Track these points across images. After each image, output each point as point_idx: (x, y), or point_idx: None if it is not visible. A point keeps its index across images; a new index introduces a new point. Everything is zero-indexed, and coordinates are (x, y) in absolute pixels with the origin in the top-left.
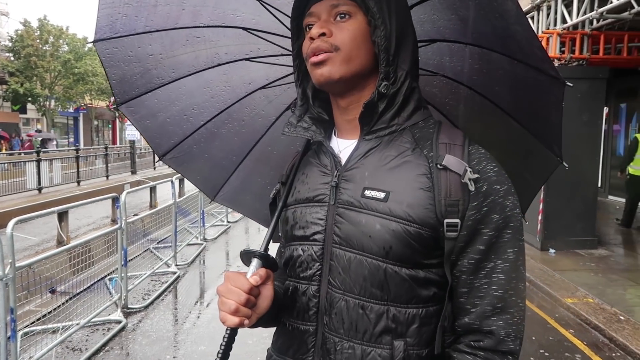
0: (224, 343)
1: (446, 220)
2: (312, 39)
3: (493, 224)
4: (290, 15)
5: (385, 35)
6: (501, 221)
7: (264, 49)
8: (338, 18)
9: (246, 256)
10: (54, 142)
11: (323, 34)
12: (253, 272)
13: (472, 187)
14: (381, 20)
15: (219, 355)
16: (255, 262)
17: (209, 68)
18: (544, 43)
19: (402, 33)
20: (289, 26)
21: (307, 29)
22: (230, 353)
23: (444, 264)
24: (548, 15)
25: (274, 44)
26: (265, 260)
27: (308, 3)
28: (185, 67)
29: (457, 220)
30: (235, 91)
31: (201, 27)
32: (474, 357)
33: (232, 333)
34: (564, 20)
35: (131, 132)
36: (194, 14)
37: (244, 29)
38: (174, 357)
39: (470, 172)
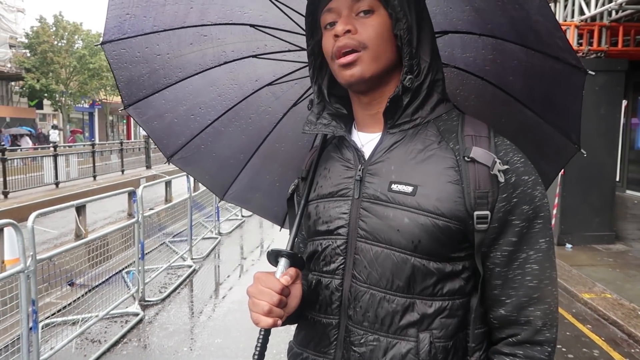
0: (259, 344)
1: (476, 213)
2: (336, 36)
3: (523, 215)
4: (298, 10)
5: (408, 28)
6: (531, 212)
7: (270, 46)
8: (361, 14)
9: (273, 255)
10: (27, 139)
11: (348, 31)
12: (282, 271)
13: (501, 179)
14: (402, 12)
15: (255, 356)
16: (283, 261)
17: (215, 66)
18: None
19: (421, 24)
20: (297, 21)
21: (327, 27)
22: (241, 345)
23: (473, 257)
24: (565, 6)
25: (282, 39)
26: (293, 259)
27: None
28: (192, 66)
29: (487, 212)
30: (242, 89)
31: (208, 25)
32: (513, 357)
33: (266, 333)
34: (581, 12)
35: None
36: (202, 12)
37: (252, 25)
38: (190, 350)
39: (499, 163)
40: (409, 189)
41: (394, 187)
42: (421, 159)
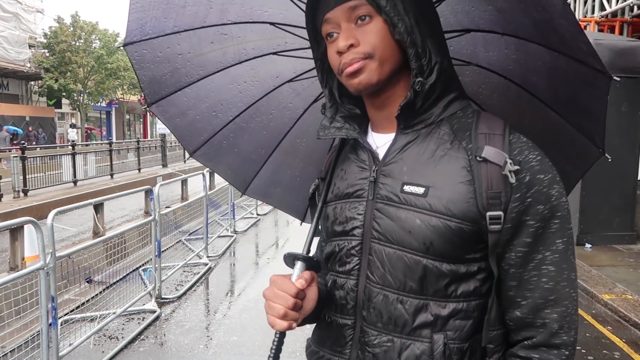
0: (274, 347)
1: (488, 213)
2: (340, 52)
3: (538, 215)
4: None
5: (407, 30)
6: (547, 211)
7: (291, 43)
8: (359, 21)
9: (290, 259)
10: None
11: (351, 45)
12: (298, 275)
13: (512, 179)
14: (397, 17)
15: (270, 358)
16: (299, 264)
17: (236, 64)
18: None
19: (425, 21)
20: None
21: (328, 38)
22: (257, 343)
23: (488, 257)
24: (585, 2)
25: (302, 37)
26: (309, 262)
27: (319, 5)
28: (213, 64)
29: (500, 213)
30: (263, 85)
31: (228, 24)
32: None
33: (281, 336)
34: (602, 8)
35: (162, 126)
36: (222, 11)
37: (272, 23)
38: (206, 347)
39: (510, 163)
40: (421, 190)
41: (406, 188)
42: (434, 159)
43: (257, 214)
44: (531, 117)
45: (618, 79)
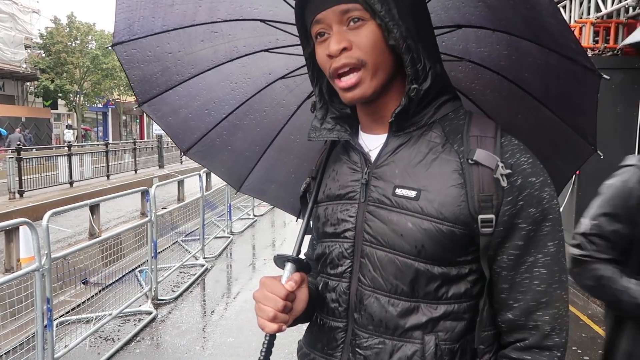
0: (264, 349)
1: (480, 216)
2: (331, 56)
3: (530, 217)
4: None
5: (402, 36)
6: (538, 214)
7: (282, 40)
8: (351, 23)
9: (280, 260)
10: None
11: (344, 49)
12: (288, 276)
13: (504, 183)
14: (392, 22)
15: None
16: (289, 266)
17: (227, 61)
18: (576, 33)
19: (419, 26)
20: None
21: (318, 37)
22: (253, 345)
23: (479, 260)
24: (581, 3)
25: (292, 34)
26: (299, 264)
27: (308, 5)
28: (204, 62)
29: (492, 216)
30: (255, 82)
31: (218, 22)
32: None
33: (271, 338)
34: (597, 9)
35: (158, 127)
36: (211, 9)
37: (262, 21)
38: (203, 349)
39: (502, 167)
40: (412, 193)
41: (398, 191)
42: (425, 162)
43: (254, 215)
44: (524, 113)
45: (608, 77)
